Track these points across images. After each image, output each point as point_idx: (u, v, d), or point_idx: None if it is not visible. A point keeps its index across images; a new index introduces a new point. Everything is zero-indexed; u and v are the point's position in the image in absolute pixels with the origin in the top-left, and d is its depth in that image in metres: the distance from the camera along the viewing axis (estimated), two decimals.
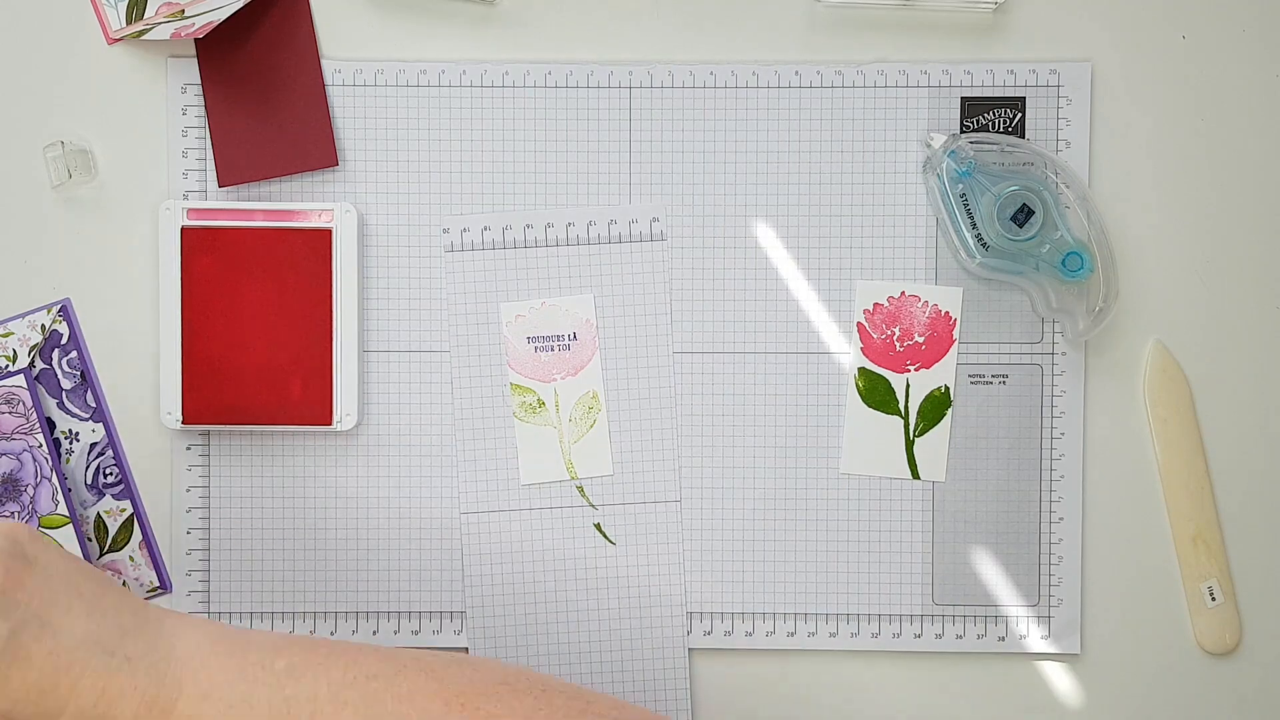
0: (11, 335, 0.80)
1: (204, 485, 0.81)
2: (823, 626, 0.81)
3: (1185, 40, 0.81)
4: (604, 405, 0.81)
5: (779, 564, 0.81)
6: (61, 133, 0.80)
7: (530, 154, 0.81)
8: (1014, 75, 0.81)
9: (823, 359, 0.81)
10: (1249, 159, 0.81)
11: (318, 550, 0.81)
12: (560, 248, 0.81)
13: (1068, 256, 0.78)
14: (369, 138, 0.81)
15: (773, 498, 0.81)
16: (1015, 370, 0.81)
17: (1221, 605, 0.81)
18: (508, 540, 0.81)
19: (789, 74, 0.81)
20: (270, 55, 0.80)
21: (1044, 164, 0.79)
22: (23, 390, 0.79)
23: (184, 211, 0.79)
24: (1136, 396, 0.82)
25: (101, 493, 0.81)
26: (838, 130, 0.81)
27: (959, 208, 0.78)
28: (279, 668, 0.59)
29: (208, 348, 0.79)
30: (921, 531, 0.81)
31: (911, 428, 0.81)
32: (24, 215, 0.81)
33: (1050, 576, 0.81)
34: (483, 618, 0.81)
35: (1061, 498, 0.81)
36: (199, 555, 0.81)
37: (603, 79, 0.81)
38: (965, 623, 0.81)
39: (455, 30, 0.81)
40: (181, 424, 0.79)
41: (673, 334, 0.81)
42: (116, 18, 0.80)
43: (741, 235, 0.81)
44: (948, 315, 0.81)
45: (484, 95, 0.81)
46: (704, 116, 0.81)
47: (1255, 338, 0.82)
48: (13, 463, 0.79)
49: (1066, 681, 0.82)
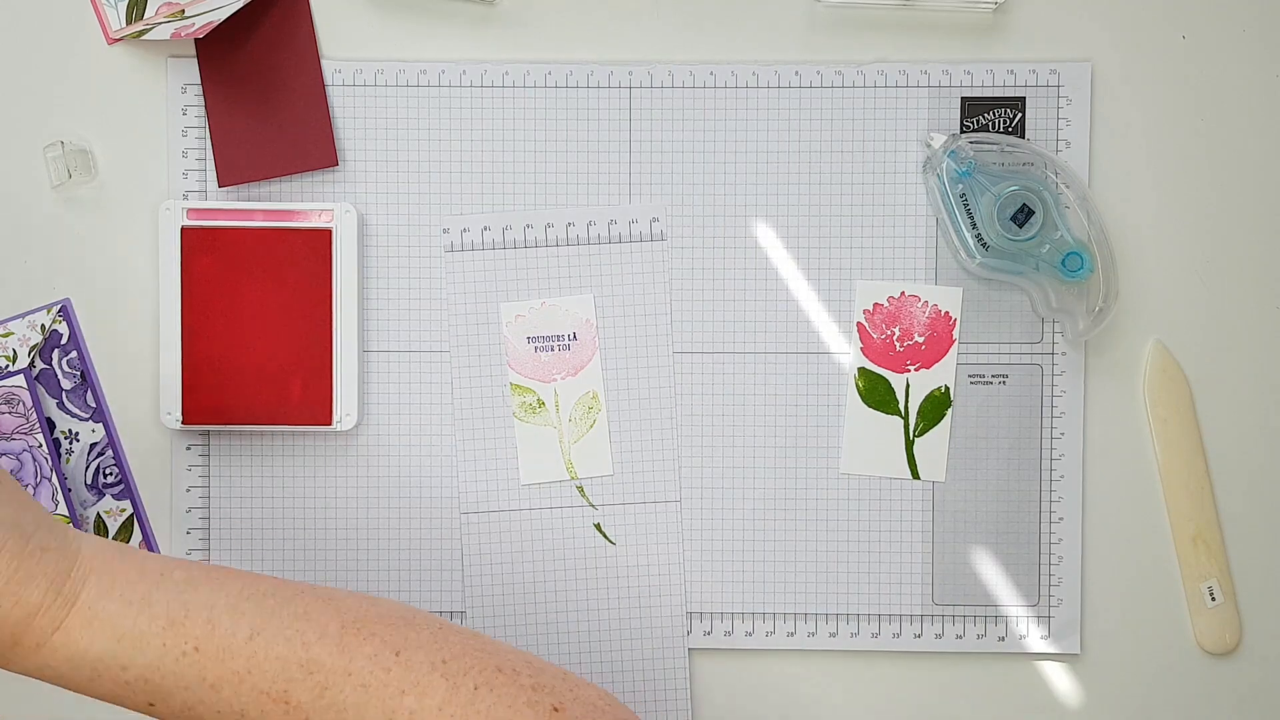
0: (11, 335, 0.80)
1: (204, 485, 0.81)
2: (823, 626, 0.81)
3: (1185, 40, 0.81)
4: (604, 405, 0.81)
5: (779, 564, 0.81)
6: (61, 133, 0.80)
7: (530, 154, 0.81)
8: (1014, 75, 0.81)
9: (823, 359, 0.81)
10: (1249, 159, 0.81)
11: (318, 550, 0.81)
12: (560, 248, 0.81)
13: (1068, 256, 0.78)
14: (369, 138, 0.81)
15: (773, 498, 0.81)
16: (1015, 370, 0.81)
17: (1221, 605, 0.81)
18: (508, 540, 0.81)
19: (789, 74, 0.81)
20: (270, 55, 0.80)
21: (1044, 164, 0.79)
22: (23, 390, 0.79)
23: (184, 211, 0.79)
24: (1136, 396, 0.82)
25: (101, 493, 0.81)
26: (838, 130, 0.81)
27: (959, 208, 0.78)
28: (177, 577, 0.59)
29: (208, 348, 0.79)
30: (921, 531, 0.81)
31: (911, 428, 0.81)
32: (24, 215, 0.81)
33: (1050, 576, 0.81)
34: (483, 618, 0.81)
35: (1061, 498, 0.81)
36: (199, 555, 0.81)
37: (603, 79, 0.81)
38: (965, 623, 0.81)
39: (455, 30, 0.81)
40: (181, 424, 0.79)
41: (673, 334, 0.81)
42: (116, 18, 0.80)
43: (741, 235, 0.81)
44: (948, 315, 0.81)
45: (484, 95, 0.81)
46: (704, 116, 0.81)
47: (1255, 338, 0.82)
48: (13, 463, 0.79)
49: (1066, 681, 0.82)
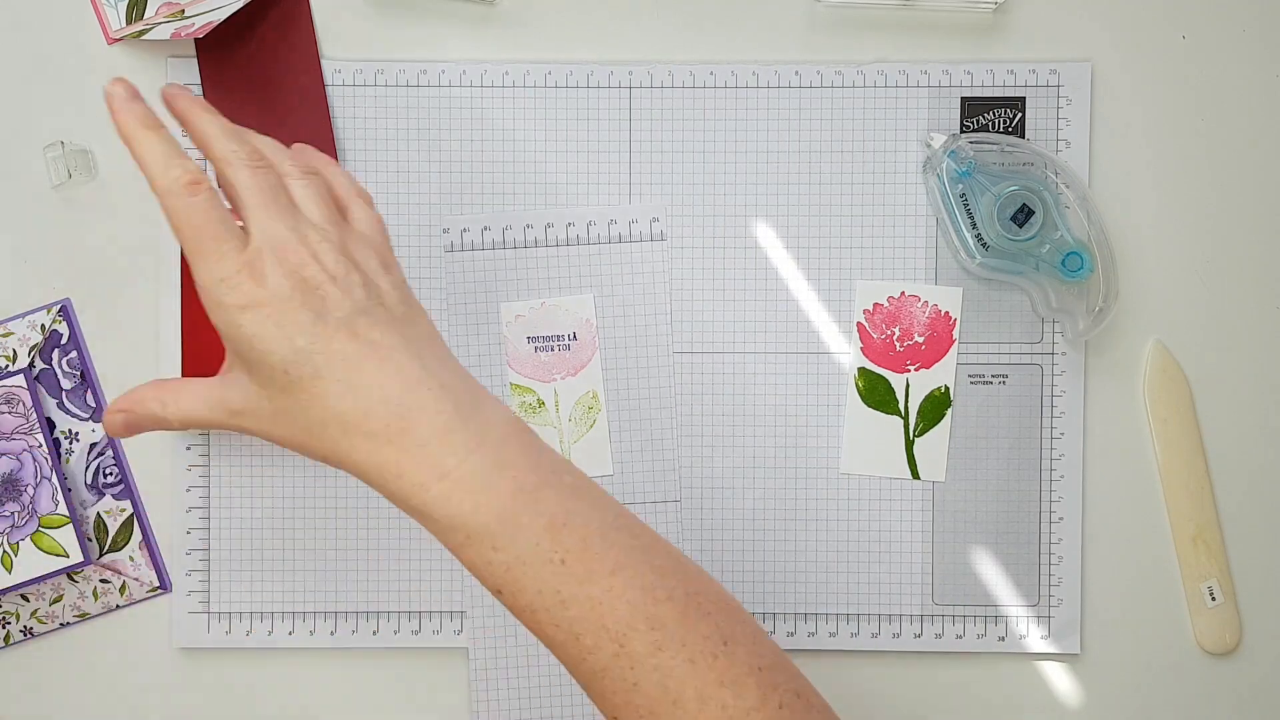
0: (11, 335, 0.80)
1: (204, 485, 0.81)
2: (823, 626, 0.81)
3: (1185, 40, 0.81)
4: (604, 405, 0.81)
5: (779, 564, 0.81)
6: (61, 133, 0.80)
7: (530, 154, 0.81)
8: (1014, 75, 0.81)
9: (823, 359, 0.81)
10: (1249, 159, 0.81)
11: (318, 550, 0.81)
12: (560, 248, 0.81)
13: (1068, 256, 0.78)
14: (369, 138, 0.81)
15: (773, 498, 0.81)
16: (1015, 370, 0.81)
17: (1221, 605, 0.81)
18: None
19: (789, 74, 0.81)
20: (270, 55, 0.80)
21: (1044, 164, 0.79)
22: (23, 390, 0.79)
23: None
24: (1136, 396, 0.82)
25: (101, 493, 0.81)
26: (838, 130, 0.81)
27: (959, 208, 0.78)
28: (567, 482, 0.59)
29: (208, 348, 0.79)
30: (921, 531, 0.81)
31: (911, 428, 0.81)
32: (24, 215, 0.81)
33: (1050, 576, 0.81)
34: (483, 618, 0.81)
35: (1061, 498, 0.81)
36: (199, 555, 0.81)
37: (603, 79, 0.81)
38: (965, 623, 0.81)
39: (455, 30, 0.81)
40: None
41: (673, 334, 0.81)
42: (116, 18, 0.80)
43: (741, 235, 0.81)
44: (948, 315, 0.81)
45: (484, 95, 0.81)
46: (704, 116, 0.81)
47: (1255, 338, 0.82)
48: (13, 463, 0.79)
49: (1066, 681, 0.82)
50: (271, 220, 0.59)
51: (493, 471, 0.58)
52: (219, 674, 0.81)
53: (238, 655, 0.81)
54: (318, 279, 0.58)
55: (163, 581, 0.81)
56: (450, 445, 0.58)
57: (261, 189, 0.60)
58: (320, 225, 0.60)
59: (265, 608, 0.81)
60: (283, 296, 0.58)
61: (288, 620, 0.81)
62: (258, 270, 0.58)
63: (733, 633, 0.58)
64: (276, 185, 0.60)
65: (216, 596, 0.81)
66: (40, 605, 0.81)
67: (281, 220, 0.59)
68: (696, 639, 0.57)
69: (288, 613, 0.81)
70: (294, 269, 0.58)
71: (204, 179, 0.59)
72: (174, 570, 0.81)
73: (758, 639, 0.59)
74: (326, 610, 0.81)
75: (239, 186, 0.60)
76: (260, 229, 0.59)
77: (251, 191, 0.60)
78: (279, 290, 0.58)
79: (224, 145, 0.60)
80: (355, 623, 0.81)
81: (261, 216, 0.59)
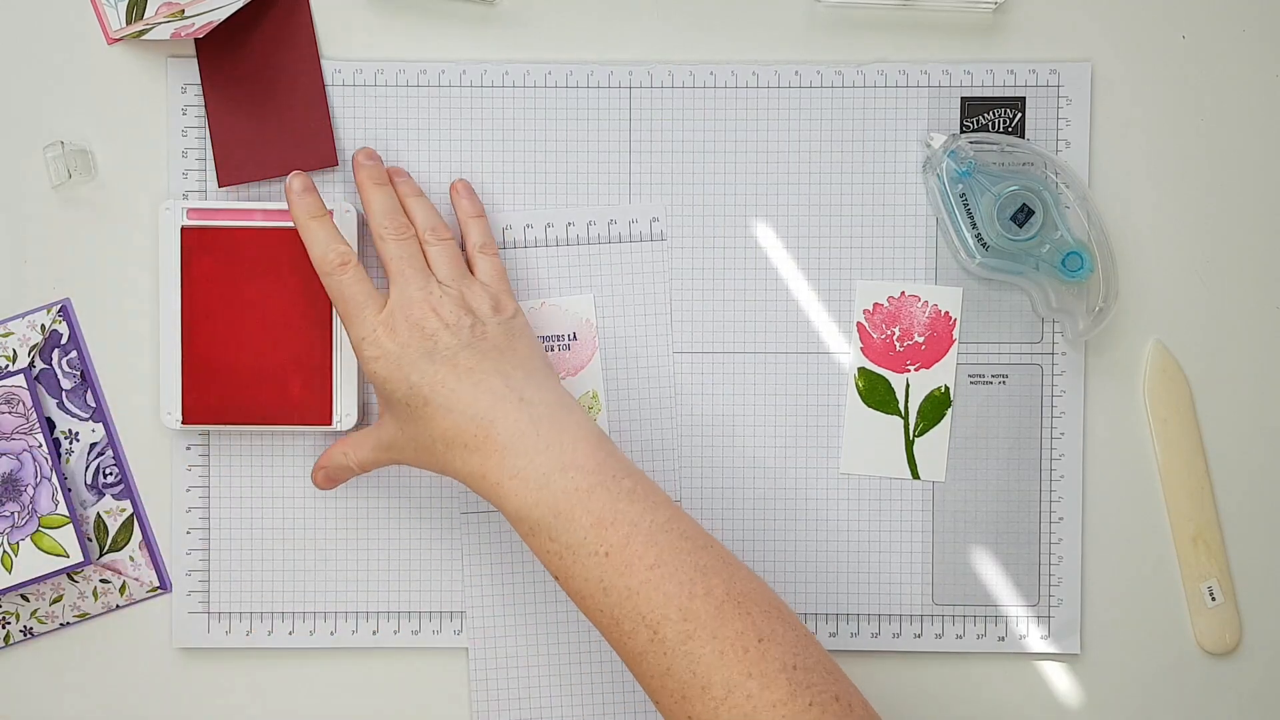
0: (11, 335, 0.80)
1: (204, 485, 0.81)
2: (823, 626, 0.81)
3: (1185, 40, 0.81)
4: (604, 405, 0.81)
5: (779, 564, 0.81)
6: (61, 133, 0.80)
7: (530, 154, 0.81)
8: (1014, 75, 0.81)
9: (823, 359, 0.81)
10: (1249, 159, 0.81)
11: (318, 550, 0.81)
12: (560, 248, 0.81)
13: (1068, 256, 0.78)
14: (369, 138, 0.81)
15: (773, 498, 0.81)
16: (1015, 370, 0.81)
17: (1221, 605, 0.81)
18: (508, 540, 0.81)
19: (789, 74, 0.81)
20: (270, 55, 0.80)
21: (1044, 164, 0.79)
22: (23, 390, 0.79)
23: (184, 211, 0.79)
24: (1136, 396, 0.82)
25: (101, 493, 0.81)
26: (838, 130, 0.81)
27: (959, 208, 0.78)
28: (625, 485, 0.68)
29: (208, 348, 0.79)
30: (921, 531, 0.81)
31: (911, 428, 0.81)
32: (24, 215, 0.81)
33: (1050, 576, 0.81)
34: (483, 618, 0.81)
35: (1061, 498, 0.81)
36: (199, 555, 0.81)
37: (603, 79, 0.81)
38: (965, 623, 0.81)
39: (455, 30, 0.81)
40: (181, 424, 0.79)
41: (673, 334, 0.81)
42: (116, 18, 0.80)
43: (741, 235, 0.81)
44: (948, 315, 0.81)
45: (484, 95, 0.81)
46: (704, 116, 0.81)
47: (1255, 338, 0.82)
48: (13, 463, 0.79)
49: (1066, 681, 0.82)
50: (406, 284, 0.72)
51: (555, 473, 0.68)
52: (219, 674, 0.81)
53: (238, 655, 0.81)
54: (433, 327, 0.71)
55: (163, 581, 0.81)
56: (521, 449, 0.68)
57: (401, 258, 0.73)
58: (446, 282, 0.73)
59: (265, 608, 0.81)
60: (404, 344, 0.70)
61: (288, 620, 0.81)
62: (389, 327, 0.71)
63: (770, 632, 0.65)
64: (415, 253, 0.74)
65: (216, 596, 0.81)
66: (40, 605, 0.81)
67: (413, 283, 0.72)
68: (729, 633, 0.65)
69: (288, 613, 0.81)
70: (417, 322, 0.71)
71: (353, 259, 0.73)
72: (174, 570, 0.81)
73: (801, 643, 0.66)
74: (326, 610, 0.81)
75: (385, 257, 0.73)
76: (398, 292, 0.72)
77: (394, 260, 0.73)
78: (404, 340, 0.70)
79: (378, 221, 0.74)
80: (355, 623, 0.81)
81: (400, 282, 0.73)
